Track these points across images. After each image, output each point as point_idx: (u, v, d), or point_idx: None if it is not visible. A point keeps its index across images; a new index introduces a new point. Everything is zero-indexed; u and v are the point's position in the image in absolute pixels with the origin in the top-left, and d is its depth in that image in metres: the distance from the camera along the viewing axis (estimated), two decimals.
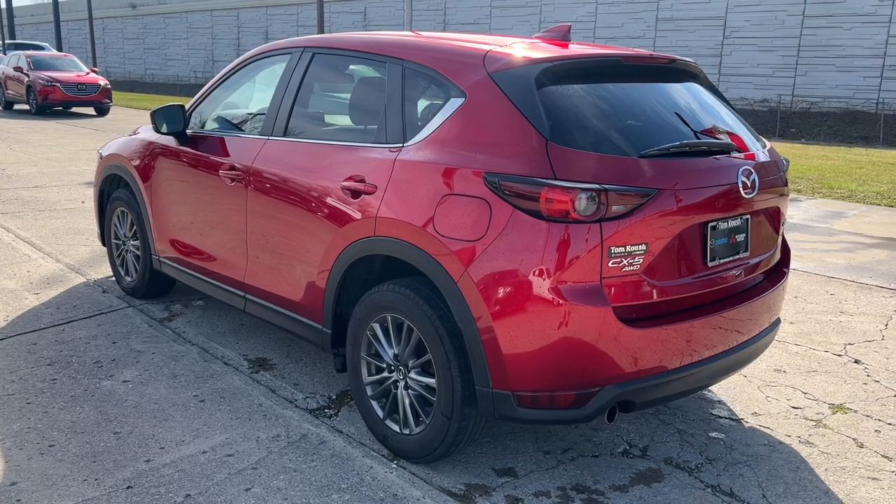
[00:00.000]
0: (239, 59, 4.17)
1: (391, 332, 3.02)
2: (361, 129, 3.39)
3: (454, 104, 2.86)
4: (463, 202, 2.68)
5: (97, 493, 2.76)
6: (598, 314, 2.54)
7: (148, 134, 4.56)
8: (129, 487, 2.79)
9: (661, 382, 2.73)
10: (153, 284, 4.80)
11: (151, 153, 4.46)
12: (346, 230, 3.09)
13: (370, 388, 3.16)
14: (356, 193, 3.06)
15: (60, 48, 32.92)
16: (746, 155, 3.00)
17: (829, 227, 8.45)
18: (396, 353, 3.01)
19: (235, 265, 3.84)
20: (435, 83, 3.02)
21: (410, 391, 2.99)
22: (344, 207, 3.11)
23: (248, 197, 3.65)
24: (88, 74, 21.85)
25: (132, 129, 5.22)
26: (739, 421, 3.54)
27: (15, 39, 33.78)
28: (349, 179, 3.10)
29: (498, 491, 2.88)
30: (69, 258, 5.92)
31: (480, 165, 2.67)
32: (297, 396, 3.62)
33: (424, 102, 3.08)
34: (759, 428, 3.47)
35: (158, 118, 4.07)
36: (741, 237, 2.98)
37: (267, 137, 3.65)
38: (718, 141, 2.96)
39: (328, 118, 3.66)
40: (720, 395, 3.81)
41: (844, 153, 17.89)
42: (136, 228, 4.76)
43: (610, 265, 2.54)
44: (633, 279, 2.60)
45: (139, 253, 4.78)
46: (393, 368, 3.05)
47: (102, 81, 21.47)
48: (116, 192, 4.95)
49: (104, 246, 5.27)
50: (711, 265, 2.85)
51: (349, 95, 3.56)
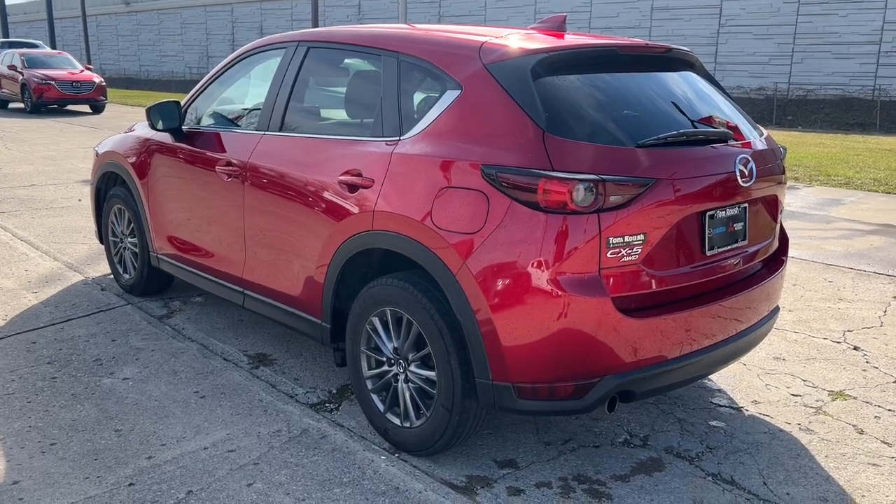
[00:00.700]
0: (234, 54, 4.15)
1: (390, 325, 3.02)
2: (358, 122, 3.38)
3: (450, 96, 2.85)
4: (460, 195, 2.68)
5: (99, 490, 2.76)
6: (596, 305, 2.54)
7: (143, 131, 4.55)
8: (131, 484, 2.80)
9: (660, 372, 2.73)
10: (151, 281, 4.79)
11: (147, 150, 4.45)
12: (343, 224, 3.09)
13: (370, 381, 3.17)
14: (353, 188, 3.05)
15: (54, 46, 32.82)
16: (744, 143, 3.00)
17: (826, 214, 8.46)
18: (396, 346, 3.01)
19: (233, 261, 3.84)
20: (430, 75, 3.01)
21: (410, 384, 2.99)
22: (341, 202, 3.11)
23: (245, 193, 3.64)
24: (83, 72, 21.78)
25: (128, 126, 5.20)
26: (739, 409, 3.54)
27: (8, 38, 33.64)
28: (346, 174, 3.09)
29: (500, 482, 2.89)
30: (67, 256, 5.91)
31: (477, 158, 2.67)
32: (297, 391, 3.62)
33: (420, 95, 3.07)
34: (759, 416, 3.48)
35: (154, 115, 4.06)
36: (739, 226, 2.98)
37: (263, 133, 3.64)
38: (715, 129, 2.95)
39: (324, 112, 3.65)
40: (720, 383, 3.81)
41: (841, 140, 17.88)
42: (133, 226, 4.75)
43: (608, 256, 2.54)
44: (631, 269, 2.60)
45: (137, 250, 4.77)
46: (393, 362, 3.05)
47: (97, 79, 21.41)
48: (113, 189, 4.94)
49: (102, 244, 5.27)
50: (710, 254, 2.85)
51: (345, 89, 3.55)
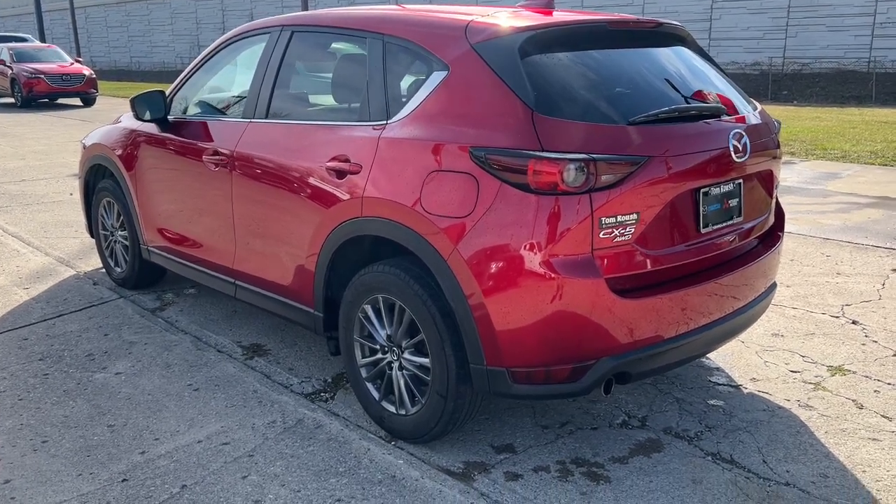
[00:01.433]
0: (218, 40, 4.08)
1: (383, 313, 2.98)
2: (345, 107, 3.32)
3: (437, 78, 2.79)
4: (450, 178, 2.63)
5: (92, 487, 2.73)
6: (590, 286, 2.50)
7: (130, 122, 4.48)
8: (124, 480, 2.77)
9: (657, 352, 2.70)
10: (143, 274, 4.75)
11: (134, 141, 4.39)
12: (332, 212, 3.04)
13: (365, 370, 3.13)
14: (341, 174, 3.00)
15: (44, 39, 32.51)
16: (737, 118, 2.95)
17: (823, 188, 8.41)
18: (389, 333, 2.98)
19: (224, 252, 3.79)
20: (417, 57, 2.95)
21: (405, 371, 2.96)
22: (330, 188, 3.06)
23: (233, 182, 3.59)
24: (72, 65, 21.60)
25: (115, 117, 5.14)
26: (738, 387, 3.51)
27: None
28: (334, 160, 3.04)
29: (497, 468, 2.86)
30: (58, 251, 5.86)
31: (466, 140, 2.61)
32: (292, 381, 3.59)
33: (407, 77, 3.01)
34: (757, 393, 3.45)
35: (139, 105, 4.00)
36: (734, 202, 2.94)
37: (249, 120, 3.58)
38: (708, 105, 2.90)
39: (310, 98, 3.59)
40: (718, 361, 3.78)
41: (837, 113, 17.81)
42: (123, 219, 4.70)
43: (601, 236, 2.50)
44: (625, 249, 2.56)
45: (127, 243, 4.72)
46: (386, 350, 3.01)
47: (87, 71, 21.23)
48: (102, 182, 4.88)
49: (93, 238, 5.22)
50: (704, 231, 2.80)
51: (330, 74, 3.49)
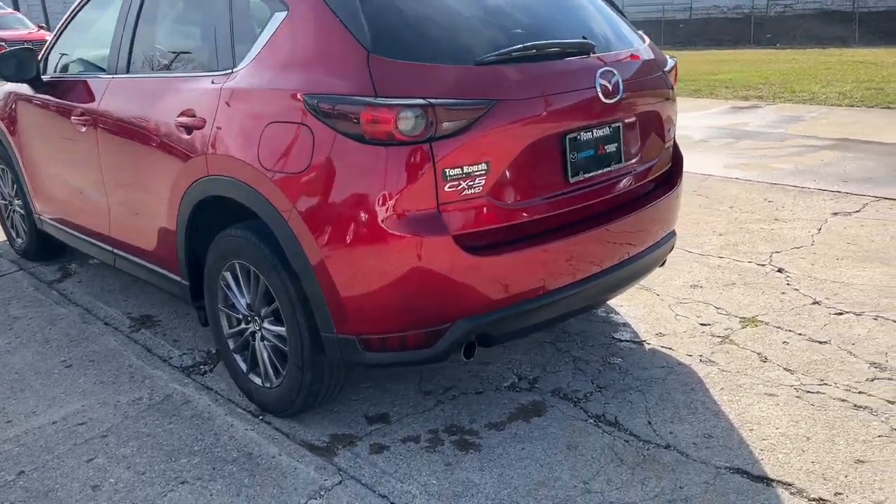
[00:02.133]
0: None
1: (240, 280, 2.78)
2: (194, 57, 3.06)
3: (277, 19, 2.54)
4: (285, 130, 2.40)
5: None
6: (437, 244, 2.29)
7: (12, 84, 4.22)
8: None
9: (523, 311, 2.50)
10: (42, 245, 4.53)
11: (14, 104, 4.13)
12: (184, 171, 2.82)
13: (231, 341, 2.94)
14: (189, 129, 2.77)
15: (17, 7, 31.65)
16: (611, 56, 2.70)
17: (783, 132, 8.16)
18: (249, 302, 2.78)
19: (100, 219, 3.57)
20: None
21: (266, 343, 2.76)
22: (180, 147, 2.83)
23: (98, 143, 3.35)
24: (38, 31, 21.02)
25: None
26: (641, 343, 3.34)
27: None
28: (182, 114, 2.81)
29: (365, 440, 2.69)
30: None
31: (301, 86, 2.38)
32: (173, 354, 3.40)
33: (250, 22, 2.75)
34: (660, 349, 3.27)
35: (5, 64, 3.73)
36: (612, 147, 2.71)
37: (111, 76, 3.33)
38: (572, 41, 2.64)
39: (165, 49, 3.32)
40: (627, 315, 3.60)
41: (816, 55, 17.43)
42: (16, 187, 4.46)
43: (447, 189, 2.28)
44: (476, 203, 2.34)
45: (24, 212, 4.49)
46: (249, 319, 2.82)
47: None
48: None
49: None
50: (574, 181, 2.58)
51: (182, 22, 3.22)
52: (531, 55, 2.46)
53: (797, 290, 3.81)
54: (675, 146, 3.19)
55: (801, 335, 3.32)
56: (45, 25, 23.63)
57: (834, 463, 2.44)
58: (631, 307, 3.69)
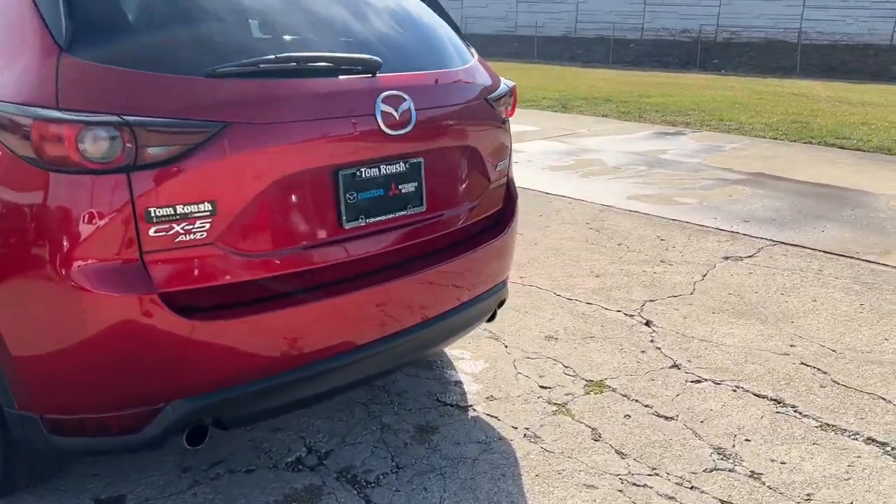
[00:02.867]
0: None
1: None
2: None
3: None
4: None
5: None
6: (137, 304, 1.78)
7: None
8: None
9: (271, 388, 2.01)
10: None
11: None
12: None
13: None
14: None
15: None
16: (404, 77, 2.23)
17: (699, 162, 7.87)
18: None
19: None
20: None
21: None
22: None
23: None
24: None
25: None
26: (467, 409, 2.88)
27: None
28: None
29: None
30: None
31: None
32: None
33: None
34: (484, 418, 2.81)
35: None
36: (410, 188, 2.25)
37: None
38: (346, 55, 2.16)
39: None
40: (463, 371, 3.14)
41: (755, 84, 17.45)
42: None
43: (152, 234, 1.78)
44: (199, 252, 1.85)
45: None
46: None
47: None
48: None
49: None
50: (351, 227, 2.11)
51: None
52: (287, 70, 1.98)
53: (659, 348, 3.40)
54: (508, 185, 2.74)
55: (647, 407, 2.90)
56: None
57: None
58: (472, 360, 3.24)
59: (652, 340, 3.48)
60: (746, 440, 2.67)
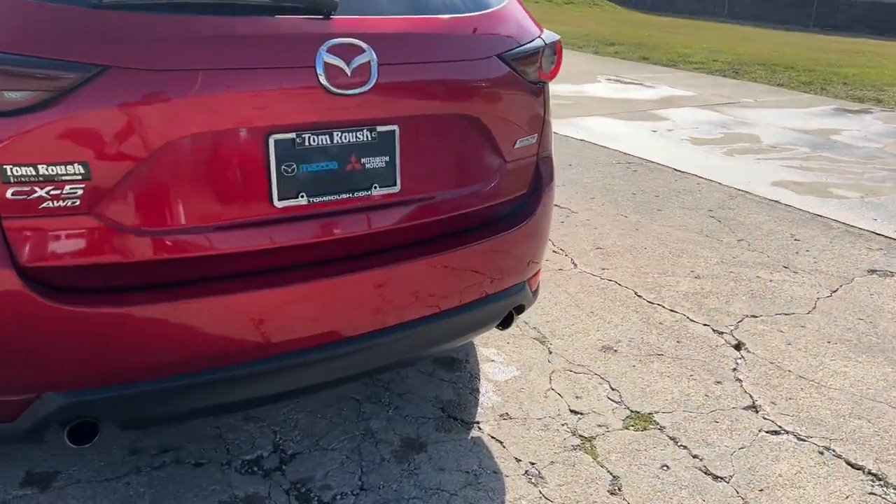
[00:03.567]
0: None
1: None
2: None
3: None
4: None
5: None
6: None
7: None
8: None
9: (172, 389, 1.68)
10: None
11: None
12: None
13: None
14: None
15: None
16: (372, 21, 1.75)
17: (879, 147, 6.67)
18: None
19: None
20: None
21: None
22: None
23: None
24: None
25: None
26: (470, 426, 2.43)
27: None
28: None
29: None
30: None
31: None
32: None
33: None
34: (486, 441, 2.36)
35: None
36: (378, 162, 1.80)
37: None
38: None
39: None
40: (488, 377, 2.68)
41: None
42: None
43: (10, 196, 1.47)
44: (70, 222, 1.52)
45: None
46: None
47: None
48: None
49: None
50: (284, 205, 1.70)
51: None
52: (208, 4, 1.57)
53: (740, 380, 2.74)
54: (538, 165, 2.20)
55: (695, 458, 2.30)
56: None
57: None
58: (502, 365, 2.77)
59: (735, 369, 2.82)
60: None
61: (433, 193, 1.92)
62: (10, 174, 1.45)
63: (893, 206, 4.89)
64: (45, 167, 1.47)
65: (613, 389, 2.65)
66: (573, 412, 2.52)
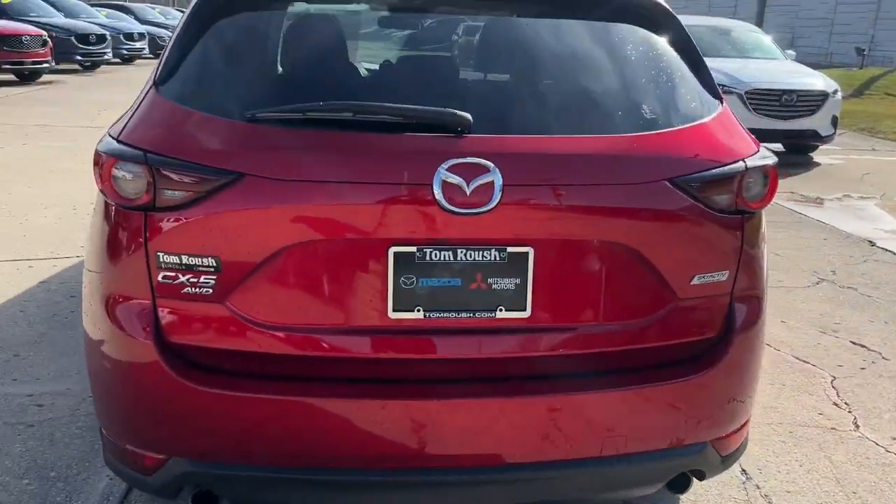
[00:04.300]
0: None
1: None
2: None
3: None
4: None
5: None
6: (132, 346, 1.73)
7: None
8: None
9: (282, 480, 1.75)
10: None
11: None
12: None
13: None
14: None
15: None
16: (503, 140, 1.64)
17: None
18: None
19: None
20: None
21: None
22: None
23: None
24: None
25: None
26: None
27: None
28: None
29: None
30: None
31: None
32: None
33: None
34: None
35: None
36: (507, 284, 1.68)
37: None
38: (422, 109, 1.65)
39: None
40: None
41: None
42: None
43: (161, 279, 1.68)
44: (204, 308, 1.68)
45: None
46: None
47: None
48: None
49: None
50: (398, 317, 1.67)
51: None
52: (344, 121, 1.65)
53: None
54: (733, 307, 1.84)
55: None
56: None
57: None
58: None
59: None
60: None
61: (573, 324, 1.73)
62: (162, 261, 1.67)
63: None
64: (187, 257, 1.65)
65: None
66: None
